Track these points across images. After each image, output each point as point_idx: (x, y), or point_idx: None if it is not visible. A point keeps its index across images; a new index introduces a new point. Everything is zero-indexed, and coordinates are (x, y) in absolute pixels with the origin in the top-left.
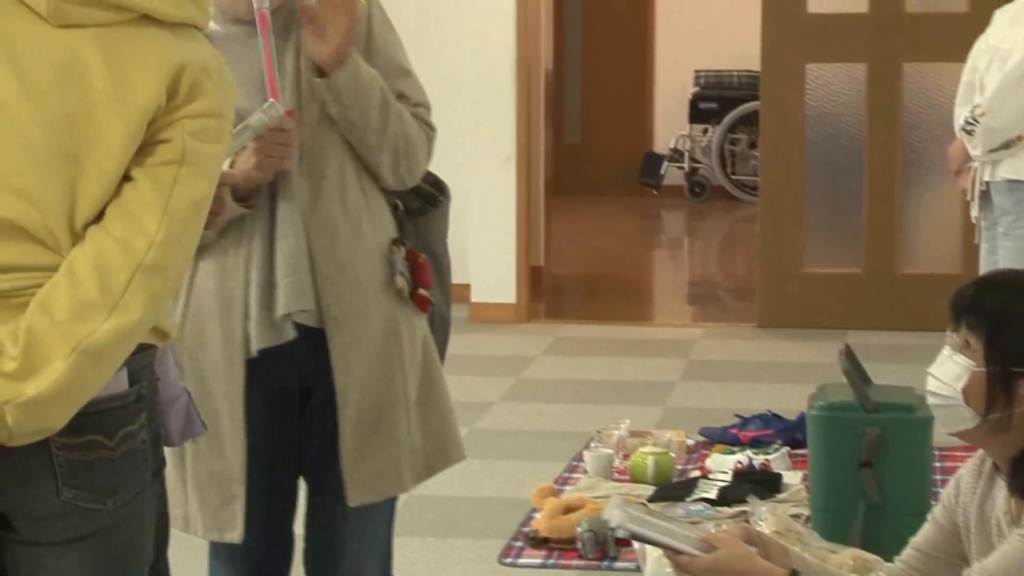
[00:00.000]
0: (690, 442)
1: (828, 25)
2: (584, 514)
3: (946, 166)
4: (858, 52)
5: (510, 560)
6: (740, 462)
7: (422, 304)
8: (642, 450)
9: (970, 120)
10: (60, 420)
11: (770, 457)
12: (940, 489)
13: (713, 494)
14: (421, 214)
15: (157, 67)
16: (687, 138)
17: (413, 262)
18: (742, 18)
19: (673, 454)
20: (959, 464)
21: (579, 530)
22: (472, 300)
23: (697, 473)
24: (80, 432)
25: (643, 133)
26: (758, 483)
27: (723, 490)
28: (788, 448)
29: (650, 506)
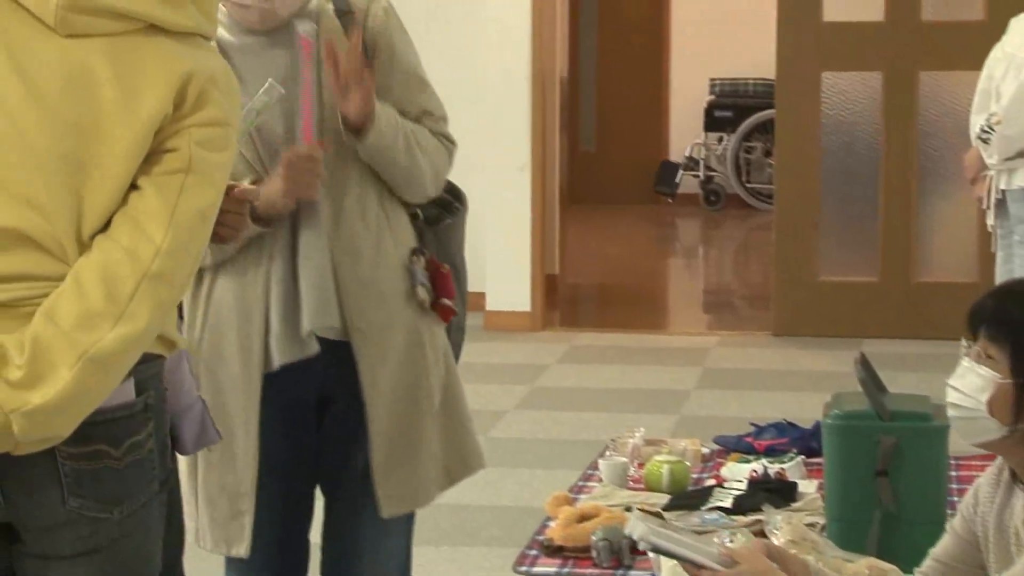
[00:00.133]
0: (705, 451)
1: (844, 33)
2: (599, 522)
3: (962, 174)
4: (874, 60)
5: (525, 568)
6: (755, 471)
7: (444, 314)
8: (657, 458)
9: (986, 128)
10: (66, 429)
11: (785, 466)
12: (956, 498)
13: (728, 503)
14: (439, 221)
15: (164, 76)
16: (702, 146)
17: (435, 272)
18: (758, 26)
19: (688, 463)
20: (975, 473)
21: (594, 538)
22: (487, 308)
23: (712, 482)
24: (86, 441)
25: (658, 142)
26: (773, 492)
27: (738, 499)
28: (803, 457)
29: (666, 516)
